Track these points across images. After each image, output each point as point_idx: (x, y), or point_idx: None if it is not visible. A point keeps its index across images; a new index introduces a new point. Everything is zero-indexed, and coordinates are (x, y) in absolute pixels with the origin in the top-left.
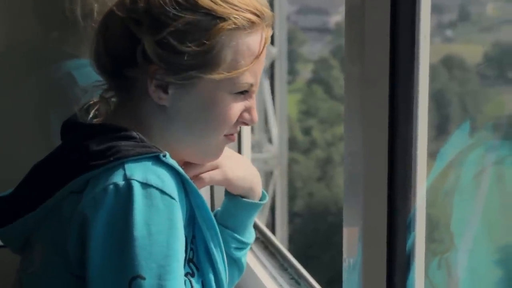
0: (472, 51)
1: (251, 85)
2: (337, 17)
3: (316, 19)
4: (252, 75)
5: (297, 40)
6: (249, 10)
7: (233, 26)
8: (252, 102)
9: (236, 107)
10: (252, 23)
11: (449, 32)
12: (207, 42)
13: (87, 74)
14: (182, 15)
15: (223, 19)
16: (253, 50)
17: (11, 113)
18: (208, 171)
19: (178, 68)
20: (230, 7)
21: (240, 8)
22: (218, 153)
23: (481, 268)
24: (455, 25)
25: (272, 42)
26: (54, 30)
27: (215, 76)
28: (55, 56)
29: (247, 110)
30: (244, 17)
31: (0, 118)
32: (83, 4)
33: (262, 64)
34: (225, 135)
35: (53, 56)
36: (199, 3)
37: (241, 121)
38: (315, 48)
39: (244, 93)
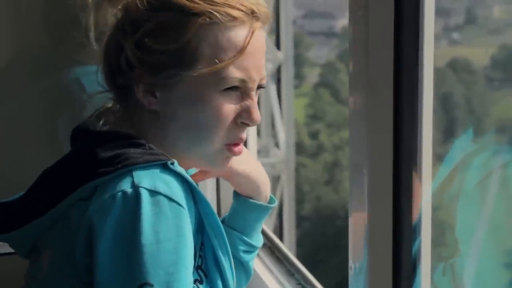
0: (479, 54)
1: (243, 80)
2: (344, 21)
3: (322, 23)
4: (241, 70)
5: (304, 45)
6: (228, 4)
7: (208, 21)
8: (251, 101)
9: (229, 106)
10: (233, 17)
11: (456, 35)
12: (181, 39)
13: (95, 81)
14: (155, 14)
15: (196, 14)
16: (236, 44)
17: (19, 118)
18: None
19: (158, 68)
20: (204, 3)
21: (217, 3)
22: (221, 161)
23: (488, 273)
24: (462, 28)
25: (278, 47)
26: (63, 37)
27: (195, 72)
28: (64, 62)
29: (245, 109)
30: (223, 11)
31: (9, 123)
32: (97, 28)
33: (255, 59)
34: (227, 145)
35: (61, 62)
36: (171, 1)
37: (240, 122)
38: (321, 52)
39: (235, 90)
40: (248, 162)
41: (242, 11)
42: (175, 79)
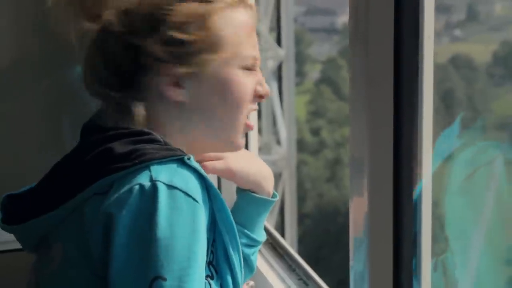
0: (480, 51)
1: (255, 58)
2: (345, 18)
3: (323, 19)
4: (254, 47)
5: (305, 41)
6: None
7: (224, 5)
8: (260, 75)
9: (250, 83)
10: (240, 0)
11: (457, 32)
12: (207, 26)
13: None
14: (176, 7)
15: (215, 1)
16: (247, 23)
17: (23, 116)
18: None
19: (187, 58)
20: None
21: None
22: (240, 141)
23: (480, 269)
24: (464, 25)
25: (279, 44)
26: (67, 34)
27: (223, 55)
28: (67, 59)
29: (258, 83)
30: None
31: (12, 120)
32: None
33: (255, 37)
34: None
35: (65, 59)
36: None
37: (256, 96)
38: (323, 49)
39: (249, 68)
40: (246, 159)
41: None
42: (203, 65)
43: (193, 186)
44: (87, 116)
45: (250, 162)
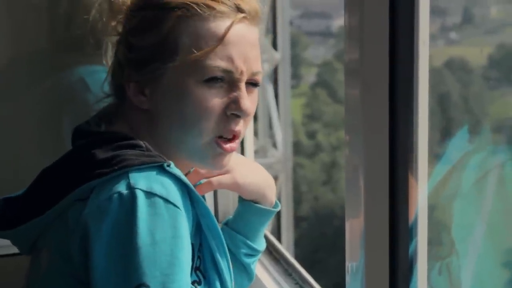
0: (476, 54)
1: (227, 71)
2: (341, 21)
3: (319, 23)
4: (224, 59)
5: (301, 44)
6: None
7: (186, 12)
8: (239, 93)
9: (215, 98)
10: (212, 8)
11: (453, 35)
12: (160, 32)
13: (99, 80)
14: (137, 13)
15: (175, 8)
16: (216, 34)
17: (23, 118)
18: (218, 175)
19: (142, 64)
20: None
21: None
22: (213, 158)
23: (486, 273)
24: (459, 28)
25: (275, 47)
26: (68, 36)
27: (178, 64)
28: (68, 62)
29: (233, 100)
30: (201, 3)
31: (13, 122)
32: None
33: (240, 50)
34: (218, 138)
35: (65, 62)
36: (150, 0)
37: (231, 114)
38: (319, 52)
39: (220, 81)
40: (251, 169)
41: (224, 3)
42: (158, 72)
43: (174, 193)
44: (87, 118)
45: (255, 173)
